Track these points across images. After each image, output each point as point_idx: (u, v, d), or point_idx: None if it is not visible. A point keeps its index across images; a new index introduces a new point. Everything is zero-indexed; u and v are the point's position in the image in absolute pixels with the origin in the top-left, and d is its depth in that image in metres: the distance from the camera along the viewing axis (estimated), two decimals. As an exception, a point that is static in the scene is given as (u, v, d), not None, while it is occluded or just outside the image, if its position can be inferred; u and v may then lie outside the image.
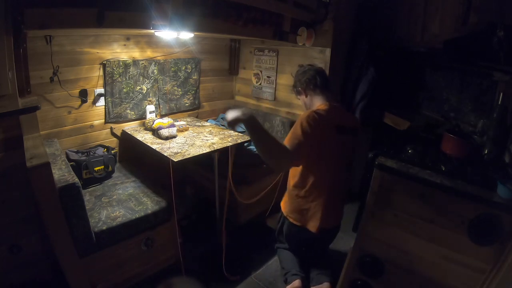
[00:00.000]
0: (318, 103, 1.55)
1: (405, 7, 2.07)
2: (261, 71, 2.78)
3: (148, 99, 2.34)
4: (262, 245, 2.09)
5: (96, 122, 2.12)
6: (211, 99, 2.89)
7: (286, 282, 1.67)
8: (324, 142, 1.43)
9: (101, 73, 2.05)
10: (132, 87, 2.21)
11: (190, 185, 2.61)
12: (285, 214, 1.66)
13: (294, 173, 1.58)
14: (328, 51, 2.22)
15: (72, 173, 1.43)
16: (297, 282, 1.61)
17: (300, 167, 1.51)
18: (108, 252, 1.54)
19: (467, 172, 1.29)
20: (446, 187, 1.19)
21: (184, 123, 2.29)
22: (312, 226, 1.53)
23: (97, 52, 2.00)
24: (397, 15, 2.13)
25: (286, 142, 1.35)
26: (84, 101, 2.01)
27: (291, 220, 1.61)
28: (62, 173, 1.41)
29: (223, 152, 1.97)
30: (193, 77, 2.61)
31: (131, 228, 1.59)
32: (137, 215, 1.62)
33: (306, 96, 1.60)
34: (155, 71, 2.32)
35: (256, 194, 2.24)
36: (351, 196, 2.13)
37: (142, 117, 2.32)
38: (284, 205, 1.69)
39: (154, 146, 1.87)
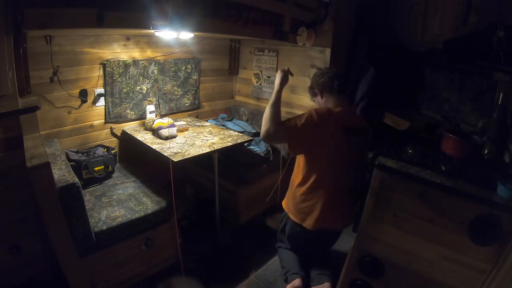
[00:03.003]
0: (332, 105, 1.57)
1: (405, 7, 2.07)
2: (261, 71, 2.78)
3: (148, 99, 2.34)
4: (262, 245, 2.09)
5: (96, 122, 2.12)
6: (211, 99, 2.89)
7: (287, 281, 1.67)
8: (327, 138, 1.45)
9: (101, 73, 2.05)
10: (132, 87, 2.21)
11: (190, 185, 2.61)
12: (287, 212, 1.67)
13: (298, 171, 1.60)
14: (328, 51, 2.22)
15: (72, 173, 1.43)
16: (297, 281, 1.61)
17: (303, 164, 1.53)
18: (108, 252, 1.54)
19: (467, 172, 1.29)
20: (446, 187, 1.19)
21: (184, 123, 2.29)
22: (309, 224, 1.55)
23: (97, 52, 2.00)
24: (397, 15, 2.13)
25: (291, 119, 1.47)
26: (84, 101, 2.01)
27: (293, 218, 1.62)
28: (62, 173, 1.40)
29: (223, 152, 1.98)
30: (193, 77, 2.61)
31: (131, 228, 1.59)
32: (137, 215, 1.62)
33: (322, 98, 1.63)
34: (155, 71, 2.32)
35: (256, 194, 2.24)
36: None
37: (142, 117, 2.32)
38: (286, 203, 1.71)
39: (154, 146, 1.87)
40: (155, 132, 2.06)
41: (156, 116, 2.32)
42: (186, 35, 1.86)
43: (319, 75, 1.64)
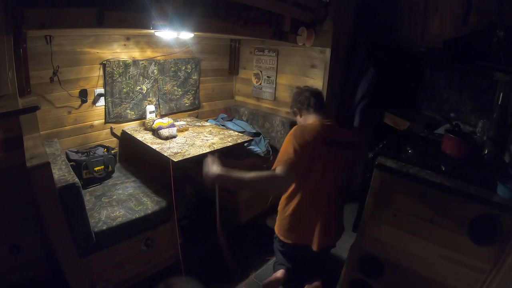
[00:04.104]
0: (310, 121, 1.52)
1: (405, 7, 2.07)
2: (261, 71, 2.78)
3: (148, 99, 2.34)
4: (262, 245, 2.09)
5: (96, 122, 2.12)
6: (211, 99, 2.89)
7: (274, 270, 1.70)
8: (312, 155, 1.37)
9: (101, 73, 2.05)
10: (132, 87, 2.21)
11: (190, 185, 2.61)
12: (277, 233, 1.60)
13: (285, 194, 1.53)
14: (328, 51, 2.22)
15: (72, 173, 1.43)
16: (279, 273, 1.63)
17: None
18: (108, 252, 1.54)
19: (467, 172, 1.29)
20: (446, 187, 1.19)
21: (184, 123, 2.29)
22: (311, 242, 1.49)
23: (97, 52, 2.00)
24: (397, 15, 2.13)
25: (279, 161, 1.33)
26: (84, 101, 2.01)
27: (282, 238, 1.56)
28: (62, 173, 1.41)
29: (223, 152, 1.97)
30: (193, 77, 2.61)
31: (131, 228, 1.59)
32: (137, 215, 1.62)
33: (301, 116, 1.60)
34: (155, 71, 2.32)
35: (256, 194, 2.23)
36: (351, 196, 2.12)
37: (142, 117, 2.32)
38: (276, 226, 1.63)
39: (154, 146, 1.87)
40: (155, 132, 2.06)
41: (156, 116, 2.32)
42: (186, 35, 1.86)
43: (297, 93, 1.63)
